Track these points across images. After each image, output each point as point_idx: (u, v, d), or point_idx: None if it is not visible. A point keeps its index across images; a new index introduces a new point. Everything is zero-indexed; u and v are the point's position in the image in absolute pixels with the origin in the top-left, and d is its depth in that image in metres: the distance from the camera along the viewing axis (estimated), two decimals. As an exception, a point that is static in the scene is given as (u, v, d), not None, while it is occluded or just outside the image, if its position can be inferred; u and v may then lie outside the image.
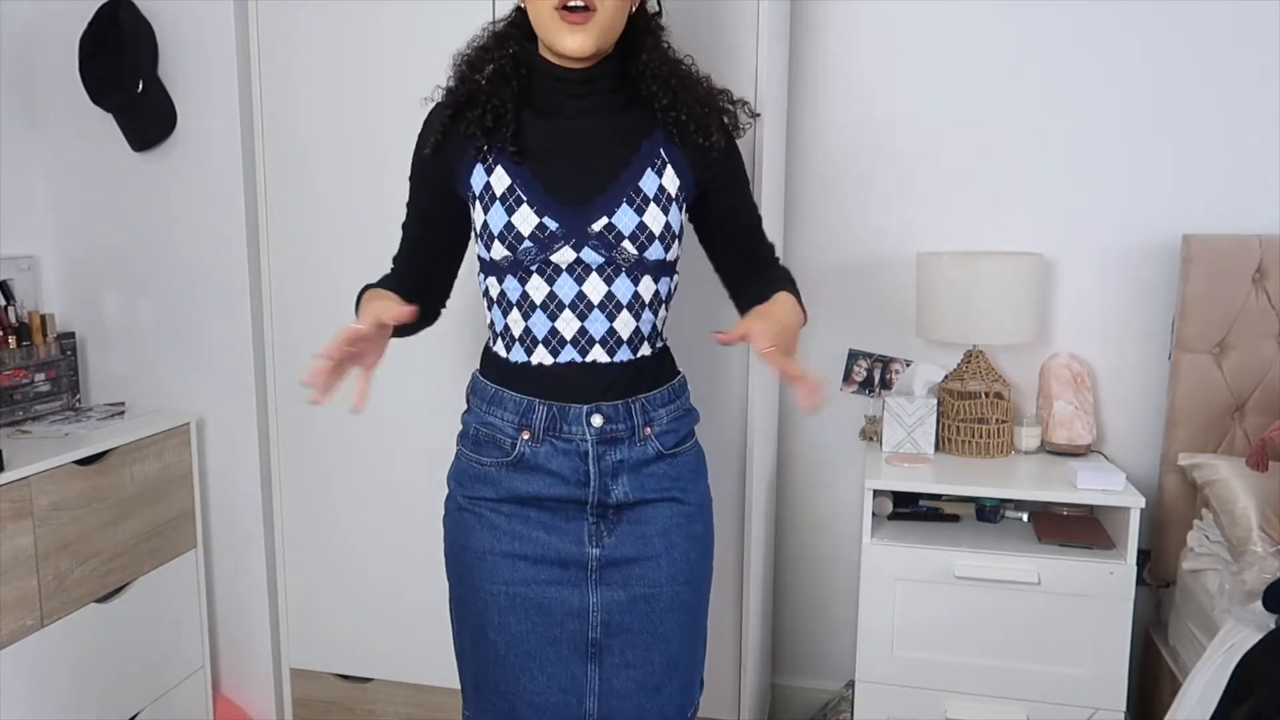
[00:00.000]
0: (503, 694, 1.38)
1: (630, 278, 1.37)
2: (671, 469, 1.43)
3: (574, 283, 1.35)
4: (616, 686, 1.39)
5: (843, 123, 2.44)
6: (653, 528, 1.40)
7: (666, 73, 1.39)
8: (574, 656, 1.38)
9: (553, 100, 1.38)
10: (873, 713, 2.17)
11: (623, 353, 1.39)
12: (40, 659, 1.88)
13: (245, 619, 2.35)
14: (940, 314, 2.25)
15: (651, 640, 1.40)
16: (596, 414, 1.37)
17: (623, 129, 1.40)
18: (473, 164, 1.38)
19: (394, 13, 2.06)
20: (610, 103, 1.40)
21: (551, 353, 1.37)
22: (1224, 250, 2.20)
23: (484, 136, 1.36)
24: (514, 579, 1.38)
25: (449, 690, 2.25)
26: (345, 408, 2.20)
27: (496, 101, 1.36)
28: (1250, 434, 2.22)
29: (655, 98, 1.39)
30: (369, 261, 2.15)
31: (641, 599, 1.39)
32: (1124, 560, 2.04)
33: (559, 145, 1.38)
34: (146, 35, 2.15)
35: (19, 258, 2.23)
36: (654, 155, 1.39)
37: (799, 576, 2.64)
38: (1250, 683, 1.59)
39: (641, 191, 1.36)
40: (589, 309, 1.36)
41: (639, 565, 1.40)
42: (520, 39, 1.39)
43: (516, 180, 1.35)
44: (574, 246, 1.34)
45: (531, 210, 1.34)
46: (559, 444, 1.38)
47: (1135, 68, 2.30)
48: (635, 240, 1.35)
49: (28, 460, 1.86)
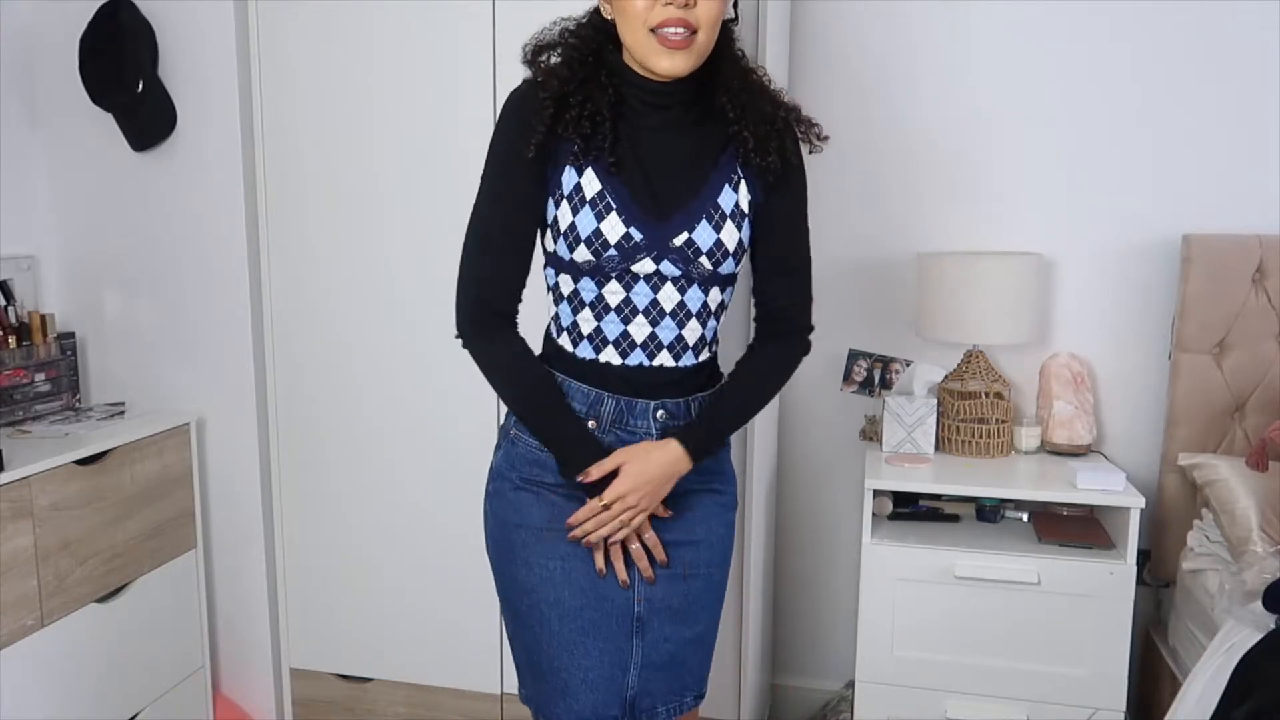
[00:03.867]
0: (556, 670, 1.40)
1: (702, 289, 1.40)
2: (714, 464, 1.50)
3: (649, 290, 1.38)
4: (654, 659, 1.44)
5: (843, 123, 2.44)
6: (698, 514, 1.48)
7: (738, 86, 1.39)
8: (620, 631, 1.42)
9: (637, 110, 1.38)
10: (873, 713, 2.17)
11: (687, 358, 1.43)
12: (40, 659, 1.88)
13: (245, 619, 2.35)
14: (940, 314, 2.25)
15: (687, 618, 1.47)
16: (662, 409, 1.42)
17: (702, 141, 1.40)
18: (563, 162, 1.36)
19: (394, 12, 2.06)
20: (690, 115, 1.40)
21: (621, 354, 1.40)
22: (1224, 250, 2.20)
23: (581, 142, 1.34)
24: (569, 553, 1.41)
25: (449, 690, 2.25)
26: (345, 407, 2.22)
27: (592, 108, 1.34)
28: (1250, 434, 2.22)
29: (725, 111, 1.39)
30: (368, 261, 2.16)
31: (681, 579, 1.46)
32: (1124, 560, 2.04)
33: (644, 155, 1.38)
34: (146, 35, 2.15)
35: (19, 258, 2.23)
36: (731, 170, 1.40)
37: (799, 576, 2.64)
38: (1250, 683, 1.59)
39: (720, 208, 1.38)
40: (661, 316, 1.39)
41: (682, 549, 1.46)
42: (604, 42, 1.38)
43: (607, 187, 1.35)
44: (654, 259, 1.36)
45: (620, 220, 1.34)
46: (624, 435, 1.42)
47: (1135, 68, 2.30)
48: (711, 256, 1.38)
49: (28, 460, 1.86)
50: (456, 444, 2.14)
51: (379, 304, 2.16)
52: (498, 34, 2.01)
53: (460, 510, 2.17)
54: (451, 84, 2.06)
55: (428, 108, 2.09)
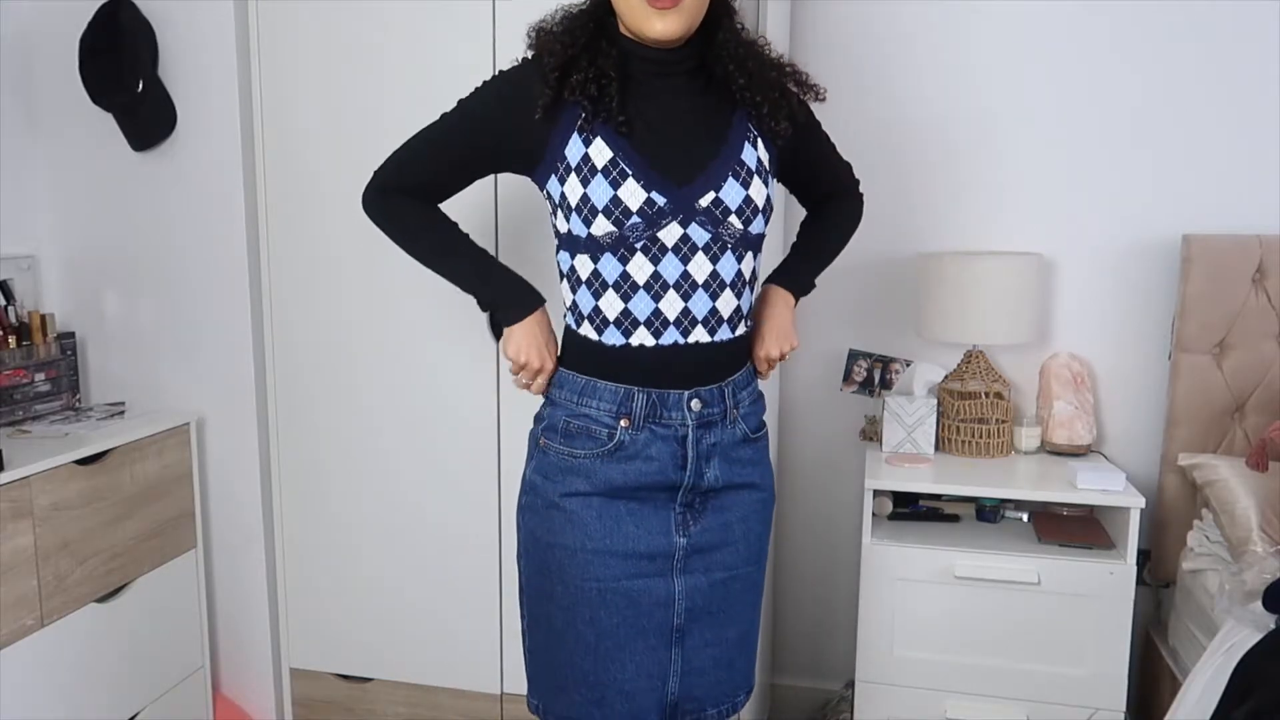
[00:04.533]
0: (591, 685, 1.39)
1: (735, 255, 1.37)
2: (755, 453, 1.48)
3: (679, 262, 1.33)
4: (696, 665, 1.43)
5: (843, 123, 2.43)
6: (734, 514, 1.45)
7: (742, 54, 1.38)
8: (660, 643, 1.40)
9: (639, 80, 1.36)
10: (873, 713, 2.17)
11: (723, 331, 1.39)
12: (40, 659, 1.88)
13: (245, 619, 2.35)
14: (940, 314, 2.25)
15: (727, 619, 1.46)
16: (695, 399, 1.38)
17: (712, 106, 1.40)
18: (568, 133, 1.34)
19: (394, 12, 2.06)
20: (693, 83, 1.39)
21: (654, 334, 1.35)
22: (1224, 250, 2.20)
23: (589, 105, 1.32)
24: (605, 575, 1.37)
25: (449, 690, 2.25)
26: (345, 407, 2.22)
27: (597, 71, 1.32)
28: (1250, 434, 2.22)
29: (732, 78, 1.38)
30: (369, 261, 2.16)
31: (721, 583, 1.44)
32: (1124, 560, 2.04)
33: (655, 121, 1.35)
34: (146, 35, 2.15)
35: (19, 258, 2.23)
36: (746, 129, 1.40)
37: (799, 576, 2.64)
38: (1250, 683, 1.59)
39: (745, 165, 1.37)
40: (693, 289, 1.35)
41: (720, 552, 1.44)
42: (602, 16, 1.38)
43: (619, 153, 1.31)
44: (681, 223, 1.32)
45: (639, 184, 1.30)
46: (659, 429, 1.38)
47: (1136, 67, 2.30)
48: (741, 215, 1.35)
49: (28, 460, 1.85)
50: (457, 444, 2.14)
51: (379, 304, 2.16)
52: (498, 34, 2.01)
53: (460, 510, 2.17)
54: (452, 84, 2.04)
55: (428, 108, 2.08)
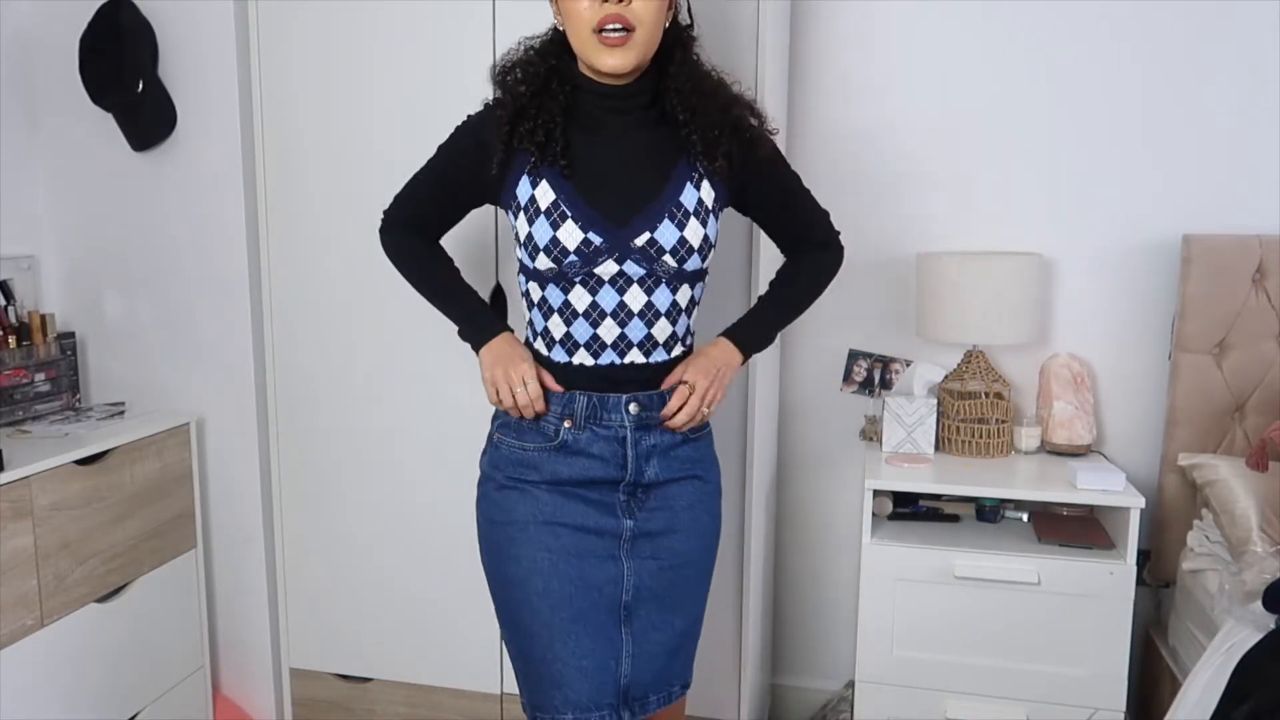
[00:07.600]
0: (549, 661, 1.42)
1: (669, 288, 1.45)
2: (695, 451, 1.54)
3: (615, 293, 1.43)
4: (646, 649, 1.48)
5: (843, 123, 2.44)
6: (680, 503, 1.52)
7: (689, 89, 1.43)
8: (610, 620, 1.46)
9: (594, 115, 1.43)
10: (873, 713, 2.17)
11: (658, 354, 1.49)
12: (40, 659, 1.88)
13: (245, 619, 2.35)
14: (940, 314, 2.25)
15: (676, 607, 1.52)
16: (634, 403, 1.47)
17: (662, 142, 1.45)
18: (519, 175, 1.43)
19: (394, 12, 2.06)
20: (648, 117, 1.45)
21: (593, 355, 1.46)
22: (1224, 250, 2.20)
23: (536, 151, 1.40)
24: (555, 545, 1.45)
25: (449, 690, 2.25)
26: (345, 406, 2.22)
27: (545, 117, 1.41)
28: (1250, 434, 2.22)
29: (674, 114, 1.43)
30: (369, 261, 2.16)
31: (669, 568, 1.51)
32: (1124, 560, 2.04)
33: (602, 160, 1.43)
34: (146, 35, 2.15)
35: (19, 258, 2.23)
36: (692, 168, 1.45)
37: (799, 576, 2.64)
38: (1250, 683, 1.59)
39: (683, 206, 1.43)
40: (629, 317, 1.44)
41: (667, 538, 1.51)
42: (559, 54, 1.44)
43: (561, 195, 1.41)
44: (617, 260, 1.42)
45: (576, 226, 1.40)
46: (599, 430, 1.46)
47: (1135, 67, 2.30)
48: (675, 254, 1.42)
49: (28, 460, 1.86)
50: (456, 443, 2.14)
51: (379, 304, 2.16)
52: (498, 34, 2.01)
53: (460, 510, 2.16)
54: (451, 84, 2.06)
55: (427, 108, 2.09)
